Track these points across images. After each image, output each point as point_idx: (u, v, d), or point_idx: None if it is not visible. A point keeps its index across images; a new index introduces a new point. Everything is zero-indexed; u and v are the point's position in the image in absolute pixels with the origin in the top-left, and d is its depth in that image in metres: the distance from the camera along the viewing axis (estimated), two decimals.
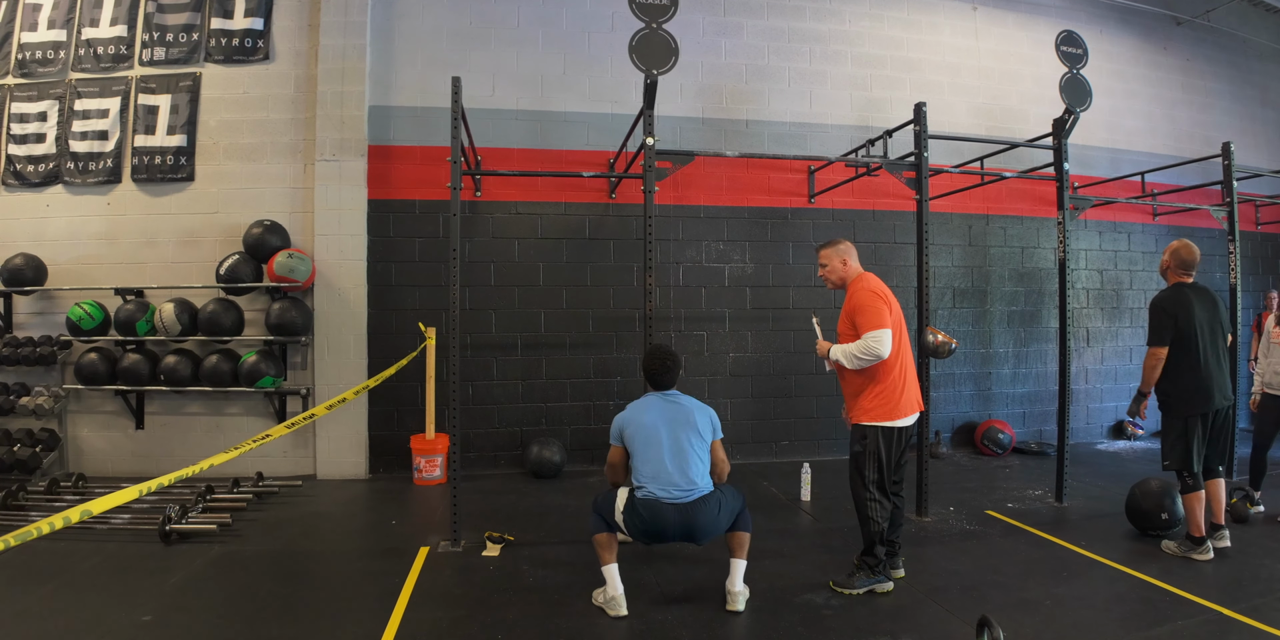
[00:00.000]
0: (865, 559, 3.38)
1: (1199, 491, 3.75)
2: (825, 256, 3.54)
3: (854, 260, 3.53)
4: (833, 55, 6.66)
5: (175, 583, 3.47)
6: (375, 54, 5.90)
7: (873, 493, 3.34)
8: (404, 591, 3.37)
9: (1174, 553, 3.80)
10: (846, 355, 3.30)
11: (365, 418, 5.74)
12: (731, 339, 6.35)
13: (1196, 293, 3.87)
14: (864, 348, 3.23)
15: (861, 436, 3.36)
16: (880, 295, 3.33)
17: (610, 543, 3.15)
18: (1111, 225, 7.30)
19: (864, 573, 3.36)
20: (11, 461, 5.23)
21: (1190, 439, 3.76)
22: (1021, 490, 5.26)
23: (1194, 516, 3.75)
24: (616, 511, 3.14)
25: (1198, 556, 3.73)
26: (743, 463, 5.98)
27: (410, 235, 5.91)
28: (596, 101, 6.20)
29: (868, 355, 3.23)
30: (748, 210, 6.40)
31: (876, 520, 3.33)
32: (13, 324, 5.73)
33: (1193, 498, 3.75)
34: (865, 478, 3.34)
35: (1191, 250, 3.90)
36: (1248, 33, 8.15)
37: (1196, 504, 3.74)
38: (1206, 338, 3.79)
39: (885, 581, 3.37)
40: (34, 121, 5.83)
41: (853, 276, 3.48)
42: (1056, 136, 5.04)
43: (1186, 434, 3.77)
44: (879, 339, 3.20)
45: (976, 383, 6.88)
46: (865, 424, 3.35)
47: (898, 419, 3.33)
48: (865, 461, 3.34)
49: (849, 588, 3.33)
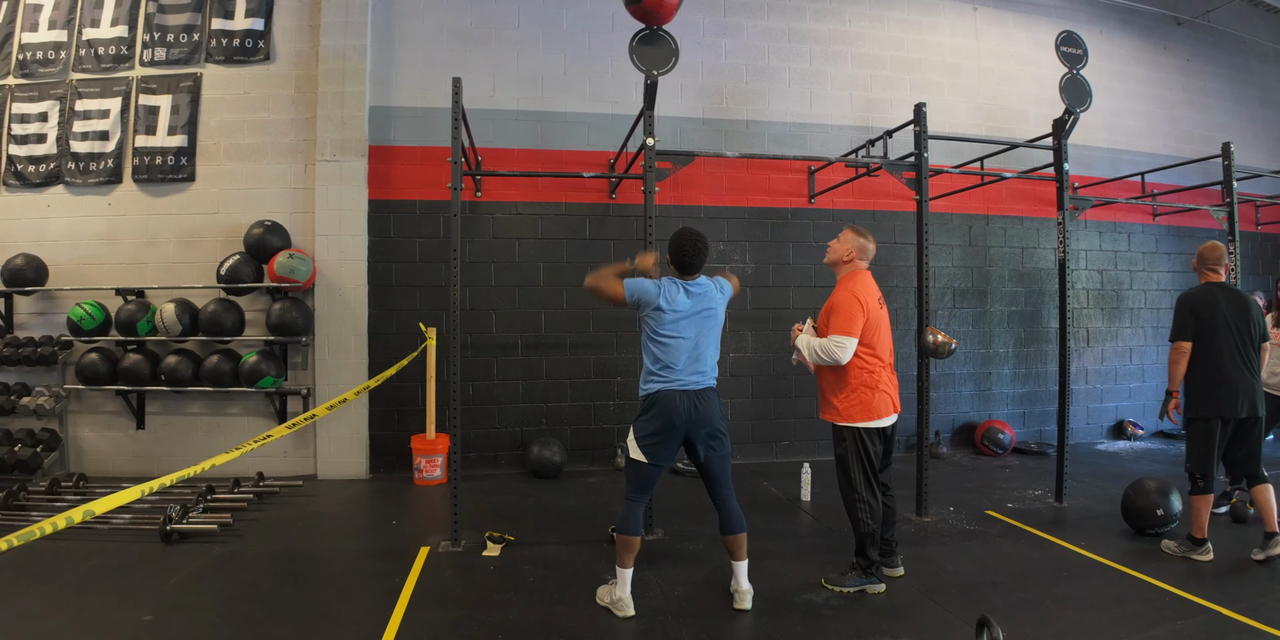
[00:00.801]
0: (858, 560, 3.42)
1: (1209, 495, 3.74)
2: (846, 238, 3.52)
3: (861, 258, 3.51)
4: (833, 55, 6.67)
5: (176, 583, 3.48)
6: (376, 54, 5.90)
7: (861, 494, 3.36)
8: (404, 591, 3.37)
9: (1173, 552, 3.81)
10: (809, 348, 3.37)
11: (366, 418, 5.74)
12: (732, 339, 6.34)
13: (1226, 293, 3.81)
14: (825, 348, 3.30)
15: (841, 439, 3.40)
16: (861, 301, 3.34)
17: (636, 547, 3.17)
18: (1111, 225, 7.30)
19: (856, 573, 3.40)
20: (12, 461, 5.24)
21: (1212, 441, 3.71)
22: (1021, 490, 5.26)
23: (1199, 518, 3.74)
24: (632, 440, 3.17)
25: (1198, 557, 3.73)
26: (743, 463, 5.98)
27: (411, 235, 5.91)
28: (597, 102, 6.20)
29: (826, 357, 3.30)
30: (748, 210, 6.41)
31: (866, 521, 3.36)
32: (13, 324, 5.73)
33: (1200, 500, 3.74)
34: (852, 479, 3.37)
35: (1215, 248, 3.89)
36: (1248, 33, 8.15)
37: (1204, 506, 3.73)
38: (1234, 339, 3.71)
39: (877, 583, 3.39)
40: (35, 122, 5.83)
41: (848, 270, 3.51)
42: (1056, 137, 5.04)
43: (1208, 435, 3.72)
44: (841, 346, 3.27)
45: (976, 383, 6.88)
46: (842, 425, 3.39)
47: (873, 420, 3.35)
48: (850, 464, 3.38)
49: (840, 586, 3.38)
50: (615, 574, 3.18)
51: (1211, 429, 3.72)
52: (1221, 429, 3.72)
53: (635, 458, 3.17)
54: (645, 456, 3.14)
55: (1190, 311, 3.77)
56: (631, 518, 3.17)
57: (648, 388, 3.19)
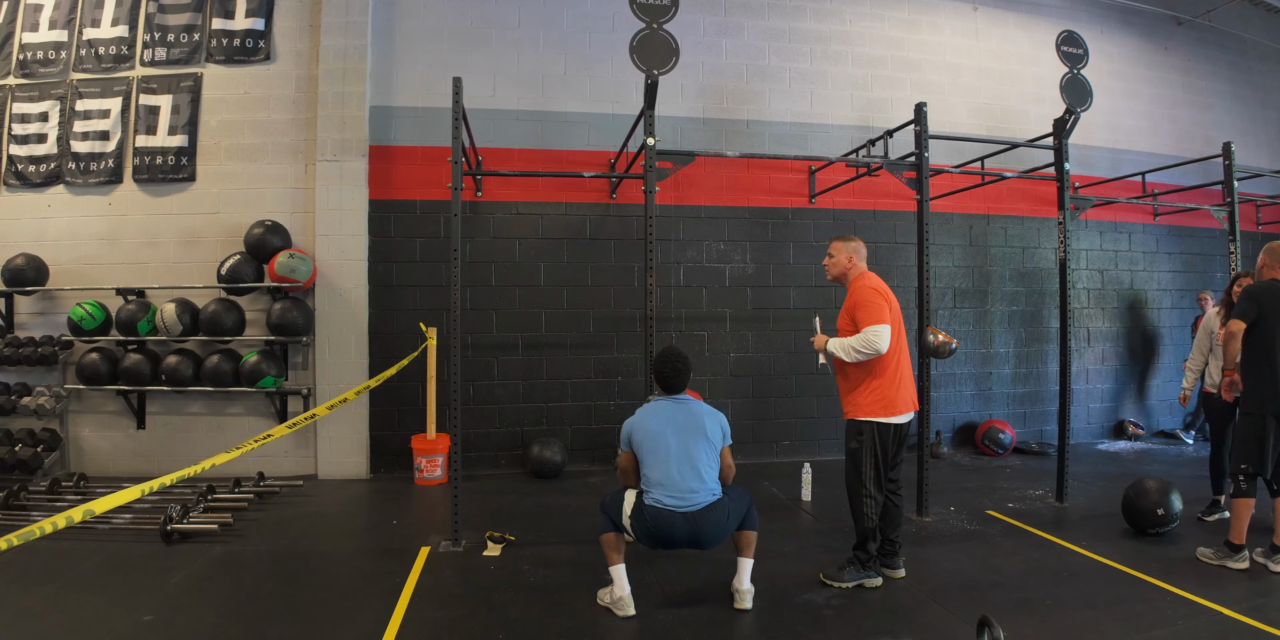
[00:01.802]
0: (857, 554, 3.45)
1: (1250, 498, 3.58)
2: (836, 249, 3.58)
3: (860, 260, 3.57)
4: (833, 55, 6.67)
5: (177, 582, 3.47)
6: (376, 54, 5.90)
7: (869, 489, 3.37)
8: (405, 591, 3.37)
9: (1209, 560, 3.65)
10: (845, 348, 3.34)
11: (366, 418, 5.74)
12: (732, 339, 6.35)
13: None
14: (863, 341, 3.27)
15: (858, 432, 3.39)
16: (881, 293, 3.39)
17: (618, 543, 3.15)
18: (1112, 225, 7.30)
19: (854, 567, 3.43)
20: (13, 461, 5.24)
21: (1266, 439, 3.55)
22: (1022, 490, 5.26)
23: (1238, 523, 3.58)
24: (624, 515, 3.13)
25: (1234, 565, 3.58)
26: (744, 463, 5.95)
27: (411, 235, 5.91)
28: (597, 102, 6.20)
29: (866, 349, 3.27)
30: (748, 210, 6.41)
31: (869, 516, 3.37)
32: (14, 324, 5.73)
33: (1241, 504, 3.58)
34: (862, 474, 3.38)
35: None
36: (1249, 33, 8.15)
37: (1244, 511, 3.57)
38: None
39: (874, 576, 3.42)
40: (35, 122, 5.83)
41: (855, 274, 3.53)
42: (1057, 136, 5.04)
43: (1262, 433, 3.56)
44: (878, 333, 3.25)
45: (977, 383, 6.88)
46: (861, 419, 3.38)
47: (893, 416, 3.36)
48: (862, 458, 3.38)
49: (838, 581, 3.40)
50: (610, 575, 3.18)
51: (1267, 426, 3.56)
52: (1277, 427, 3.55)
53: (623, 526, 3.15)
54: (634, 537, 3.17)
55: (1253, 300, 3.63)
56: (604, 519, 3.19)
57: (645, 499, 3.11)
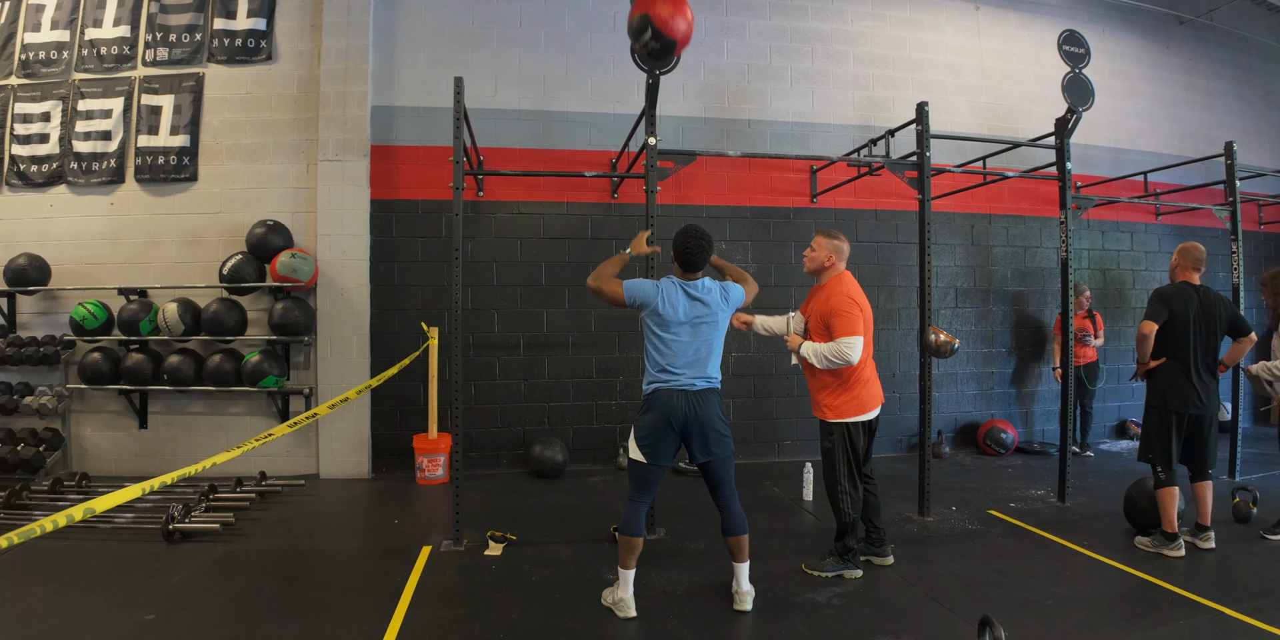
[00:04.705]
0: (837, 546, 3.57)
1: (1172, 487, 3.80)
2: (819, 244, 3.65)
3: (841, 260, 3.65)
4: (835, 55, 6.66)
5: (178, 582, 3.48)
6: (378, 54, 5.90)
7: (844, 486, 3.52)
8: (406, 591, 3.37)
9: (1147, 549, 3.85)
10: (818, 355, 3.45)
11: (368, 417, 5.75)
12: (733, 339, 6.32)
13: (1201, 293, 3.89)
14: (836, 351, 3.38)
15: (829, 433, 3.54)
16: (857, 302, 3.48)
17: (638, 547, 3.17)
18: (1114, 225, 7.29)
19: (834, 559, 3.57)
20: (15, 461, 5.25)
21: (1169, 434, 3.83)
22: (1024, 490, 5.25)
23: (1167, 512, 3.80)
24: (631, 440, 3.19)
25: (1169, 552, 3.76)
26: (745, 463, 5.98)
27: (413, 235, 5.91)
28: (599, 101, 6.20)
29: (838, 359, 3.39)
30: (750, 210, 6.40)
31: (847, 512, 3.52)
32: (16, 324, 5.75)
33: (1165, 493, 3.81)
34: (838, 472, 3.52)
35: (1199, 249, 3.98)
36: (1251, 32, 8.13)
37: (1169, 500, 3.80)
38: (1201, 338, 3.83)
39: (854, 569, 3.54)
40: (37, 122, 5.84)
41: (833, 274, 3.62)
42: (1059, 136, 5.03)
43: (1166, 428, 3.84)
44: (851, 346, 3.37)
45: (979, 382, 6.87)
46: (833, 421, 3.51)
47: (862, 415, 3.51)
48: (836, 457, 3.52)
49: (819, 571, 3.54)
50: (617, 574, 3.18)
51: (1169, 422, 3.83)
52: (1178, 423, 3.82)
53: (634, 457, 3.17)
54: (644, 456, 3.14)
55: (1164, 302, 3.86)
56: (633, 519, 3.16)
57: (648, 388, 3.21)
